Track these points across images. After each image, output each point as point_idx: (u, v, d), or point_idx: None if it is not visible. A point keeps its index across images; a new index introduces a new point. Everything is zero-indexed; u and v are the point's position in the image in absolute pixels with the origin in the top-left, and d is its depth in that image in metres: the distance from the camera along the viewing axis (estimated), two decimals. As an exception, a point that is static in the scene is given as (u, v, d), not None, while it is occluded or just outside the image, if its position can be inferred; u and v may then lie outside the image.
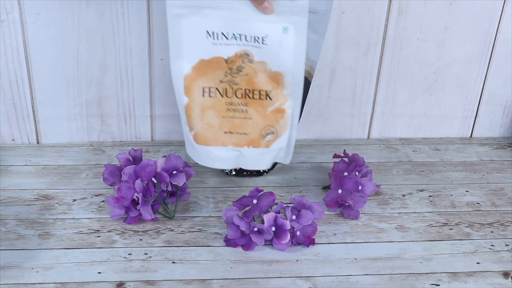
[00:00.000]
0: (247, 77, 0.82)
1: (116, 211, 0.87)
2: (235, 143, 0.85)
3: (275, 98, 0.83)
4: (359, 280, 0.79)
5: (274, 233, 0.82)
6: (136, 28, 1.00)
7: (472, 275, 0.81)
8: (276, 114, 0.84)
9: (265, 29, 0.79)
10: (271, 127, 0.84)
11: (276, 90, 0.83)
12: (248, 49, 0.81)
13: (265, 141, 0.85)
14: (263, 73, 0.82)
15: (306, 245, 0.84)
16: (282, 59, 0.80)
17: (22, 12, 0.96)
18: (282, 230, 0.82)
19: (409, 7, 1.03)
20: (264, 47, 0.80)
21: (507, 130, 1.18)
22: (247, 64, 0.81)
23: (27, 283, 0.76)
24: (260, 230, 0.82)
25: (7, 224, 0.86)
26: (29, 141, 1.08)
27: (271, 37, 0.79)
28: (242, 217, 0.83)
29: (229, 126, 0.84)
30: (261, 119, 0.84)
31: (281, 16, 0.78)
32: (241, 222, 0.82)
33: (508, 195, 0.99)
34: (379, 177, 1.02)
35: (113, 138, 1.10)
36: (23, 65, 1.01)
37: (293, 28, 0.78)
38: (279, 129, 0.85)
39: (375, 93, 1.11)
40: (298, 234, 0.84)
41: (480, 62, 1.10)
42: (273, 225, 0.82)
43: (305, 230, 0.84)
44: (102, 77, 1.04)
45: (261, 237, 0.82)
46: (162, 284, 0.77)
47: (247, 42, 0.80)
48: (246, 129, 0.84)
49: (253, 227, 0.82)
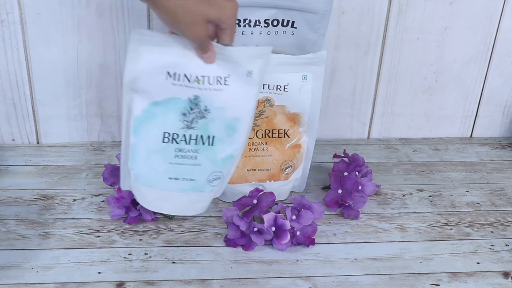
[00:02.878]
0: (267, 119, 0.89)
1: (116, 211, 0.87)
2: (258, 179, 0.92)
3: (292, 135, 0.91)
4: (359, 280, 0.79)
5: (274, 233, 0.83)
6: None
7: (472, 275, 0.81)
8: (293, 149, 0.92)
9: (287, 78, 0.86)
10: (289, 161, 0.92)
11: (293, 128, 0.90)
12: (270, 95, 0.87)
13: (284, 174, 0.93)
14: (282, 114, 0.90)
15: (306, 245, 0.84)
16: (300, 102, 0.88)
17: (22, 12, 0.96)
18: (282, 230, 0.82)
19: (409, 7, 1.03)
20: (285, 93, 0.87)
21: (507, 130, 1.18)
22: (267, 108, 0.89)
23: (27, 283, 0.76)
24: (260, 230, 0.82)
25: (7, 224, 0.86)
26: (29, 141, 1.08)
27: (292, 85, 0.87)
28: (242, 217, 0.83)
29: (252, 164, 0.91)
30: (280, 155, 0.91)
31: (302, 67, 0.85)
32: (241, 222, 0.82)
33: (508, 195, 0.99)
34: (379, 177, 1.02)
35: (113, 138, 1.10)
36: (23, 65, 1.01)
37: (311, 76, 0.86)
38: (296, 162, 0.93)
39: (375, 93, 1.11)
40: (298, 234, 0.84)
41: (480, 62, 1.10)
42: (273, 225, 0.82)
43: (305, 230, 0.84)
44: (102, 77, 1.04)
45: (261, 237, 0.82)
46: (162, 284, 0.77)
47: (269, 90, 0.87)
48: (267, 166, 0.91)
49: (253, 227, 0.82)
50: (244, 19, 0.87)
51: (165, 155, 0.74)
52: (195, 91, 0.72)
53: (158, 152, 0.74)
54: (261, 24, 0.88)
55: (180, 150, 0.75)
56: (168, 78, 0.71)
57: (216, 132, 0.75)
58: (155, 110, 0.73)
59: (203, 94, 0.73)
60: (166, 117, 0.73)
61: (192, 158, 0.75)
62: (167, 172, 0.75)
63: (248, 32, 0.88)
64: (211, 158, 0.76)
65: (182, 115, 0.73)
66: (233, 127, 0.75)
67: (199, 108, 0.73)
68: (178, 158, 0.75)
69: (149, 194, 0.77)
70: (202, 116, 0.74)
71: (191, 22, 0.66)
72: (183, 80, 0.72)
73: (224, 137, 0.75)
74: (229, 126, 0.75)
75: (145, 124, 0.73)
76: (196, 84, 0.72)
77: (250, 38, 0.88)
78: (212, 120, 0.74)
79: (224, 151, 0.76)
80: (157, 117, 0.73)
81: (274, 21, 0.88)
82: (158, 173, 0.75)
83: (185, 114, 0.73)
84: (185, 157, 0.75)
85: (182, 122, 0.74)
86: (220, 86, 0.73)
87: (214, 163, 0.76)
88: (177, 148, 0.74)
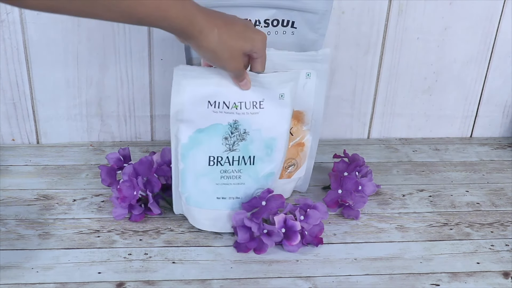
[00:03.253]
0: None
1: (119, 211, 0.87)
2: None
3: (296, 133, 0.91)
4: (359, 280, 0.79)
5: (284, 235, 0.82)
6: (136, 28, 1.00)
7: (472, 275, 0.81)
8: (297, 147, 0.92)
9: None
10: (292, 159, 0.92)
11: (297, 126, 0.90)
12: None
13: (287, 172, 0.93)
14: None
15: (315, 244, 0.84)
16: (304, 99, 0.88)
17: (22, 12, 0.96)
18: (293, 231, 0.81)
19: (409, 7, 1.03)
20: None
21: (507, 130, 1.18)
22: None
23: (27, 283, 0.76)
24: (269, 232, 0.82)
25: (7, 224, 0.86)
26: (29, 141, 1.08)
27: None
28: (252, 218, 0.82)
29: None
30: None
31: (306, 64, 0.85)
32: (252, 224, 0.81)
33: (508, 195, 0.99)
34: (379, 177, 1.02)
35: (113, 138, 1.10)
36: (23, 65, 1.01)
37: (315, 73, 0.87)
38: (299, 160, 0.93)
39: (375, 93, 1.11)
40: (306, 234, 0.83)
41: (480, 62, 1.10)
42: (283, 227, 0.81)
43: (312, 230, 0.84)
44: (102, 77, 1.04)
45: (271, 239, 0.81)
46: (162, 284, 0.77)
47: None
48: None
49: (263, 229, 0.82)
50: (244, 19, 0.87)
51: (211, 177, 0.83)
52: (234, 116, 0.80)
53: (205, 175, 0.82)
54: (261, 24, 0.88)
55: (225, 171, 0.83)
56: (209, 106, 0.79)
57: (256, 152, 0.83)
58: (199, 137, 0.81)
59: (241, 118, 0.80)
60: (210, 142, 0.81)
61: (236, 178, 0.83)
62: (215, 192, 0.83)
63: (248, 32, 0.88)
64: (254, 177, 0.84)
65: (224, 139, 0.81)
66: (270, 146, 0.83)
67: (239, 131, 0.81)
68: (223, 179, 0.83)
69: (200, 215, 0.85)
70: (242, 138, 0.81)
71: (229, 57, 0.73)
72: (223, 107, 0.79)
73: (263, 156, 0.83)
74: (267, 145, 0.83)
75: (192, 150, 0.81)
76: (235, 109, 0.80)
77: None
78: (251, 142, 0.82)
79: (264, 169, 0.84)
80: (202, 143, 0.81)
81: (274, 21, 0.88)
82: (206, 194, 0.83)
83: (226, 138, 0.81)
84: (230, 177, 0.83)
85: (225, 145, 0.81)
86: (256, 109, 0.80)
87: (257, 181, 0.84)
88: (222, 169, 0.83)
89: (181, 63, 0.96)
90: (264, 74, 0.78)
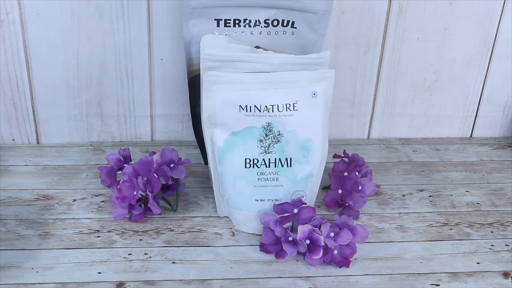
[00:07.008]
0: None
1: (120, 211, 0.87)
2: None
3: None
4: (359, 280, 0.79)
5: (308, 247, 0.80)
6: (136, 28, 1.00)
7: (472, 275, 0.81)
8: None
9: None
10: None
11: None
12: None
13: None
14: None
15: (340, 265, 0.81)
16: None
17: (22, 12, 0.96)
18: (316, 245, 0.79)
19: (409, 7, 1.03)
20: None
21: (507, 130, 1.18)
22: None
23: (27, 283, 0.76)
24: (294, 240, 0.80)
25: (7, 224, 0.87)
26: (29, 141, 1.08)
27: None
28: (279, 222, 0.81)
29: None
30: None
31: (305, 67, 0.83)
32: (277, 228, 0.80)
33: (508, 195, 0.99)
34: (379, 177, 1.02)
35: (113, 138, 1.10)
36: (23, 65, 1.01)
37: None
38: None
39: (375, 93, 1.11)
40: (335, 253, 0.80)
41: (480, 62, 1.10)
42: (307, 238, 0.80)
43: (343, 250, 0.81)
44: (102, 77, 1.04)
45: (294, 247, 0.80)
46: (162, 284, 0.77)
47: None
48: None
49: (288, 235, 0.81)
50: (244, 19, 0.87)
51: (249, 179, 0.83)
52: (267, 118, 0.80)
53: (242, 177, 0.83)
54: (261, 24, 0.88)
55: (262, 173, 0.83)
56: (241, 110, 0.80)
57: (293, 154, 0.83)
58: (234, 139, 0.82)
59: (275, 120, 0.81)
60: (245, 144, 0.82)
61: (274, 180, 0.84)
62: (253, 194, 0.84)
63: (248, 32, 0.88)
64: (292, 179, 0.84)
65: (259, 142, 0.82)
66: (307, 147, 0.83)
67: (273, 134, 0.81)
68: (261, 181, 0.83)
69: (240, 217, 0.86)
70: (277, 140, 0.82)
71: None
72: (254, 111, 0.80)
73: (300, 158, 0.83)
74: (303, 147, 0.83)
75: (228, 153, 0.82)
76: (266, 112, 0.80)
77: (250, 38, 0.89)
78: (286, 144, 0.82)
79: (302, 171, 0.84)
80: (238, 145, 0.82)
81: (274, 21, 0.88)
82: (245, 196, 0.84)
83: (261, 141, 0.82)
84: (267, 179, 0.83)
85: (260, 148, 0.82)
86: (289, 112, 0.80)
87: (295, 183, 0.84)
88: (259, 172, 0.83)
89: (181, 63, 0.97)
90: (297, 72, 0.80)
